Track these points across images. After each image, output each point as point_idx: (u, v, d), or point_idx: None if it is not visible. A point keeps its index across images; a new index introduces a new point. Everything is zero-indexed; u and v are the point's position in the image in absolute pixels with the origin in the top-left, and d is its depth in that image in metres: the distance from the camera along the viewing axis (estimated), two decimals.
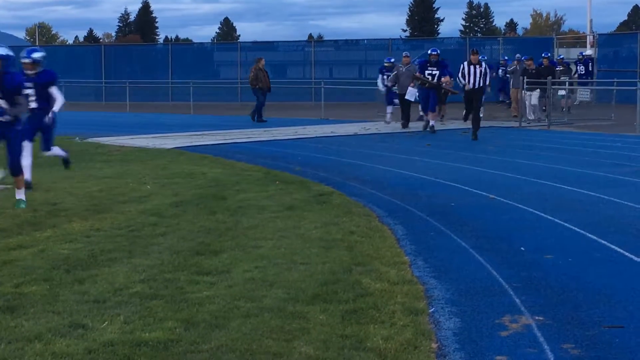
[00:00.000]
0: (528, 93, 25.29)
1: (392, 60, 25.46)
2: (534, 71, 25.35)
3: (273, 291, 5.97)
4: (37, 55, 11.45)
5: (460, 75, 19.57)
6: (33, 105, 11.20)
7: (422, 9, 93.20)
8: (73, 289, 6.07)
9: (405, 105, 22.66)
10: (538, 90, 24.99)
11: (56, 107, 11.58)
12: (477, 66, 19.37)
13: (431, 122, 21.18)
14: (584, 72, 31.60)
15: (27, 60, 11.27)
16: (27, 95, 10.53)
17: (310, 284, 6.16)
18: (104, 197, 10.46)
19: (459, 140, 19.21)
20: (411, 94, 21.97)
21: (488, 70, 19.93)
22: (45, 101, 11.45)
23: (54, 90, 11.53)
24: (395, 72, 23.18)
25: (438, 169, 13.47)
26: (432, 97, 21.43)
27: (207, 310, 5.51)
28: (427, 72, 21.64)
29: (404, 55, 23.90)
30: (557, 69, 28.74)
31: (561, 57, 32.61)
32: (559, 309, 5.66)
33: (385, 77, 24.50)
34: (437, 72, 21.50)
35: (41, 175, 12.13)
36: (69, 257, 7.09)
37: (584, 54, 33.82)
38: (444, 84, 21.62)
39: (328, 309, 5.54)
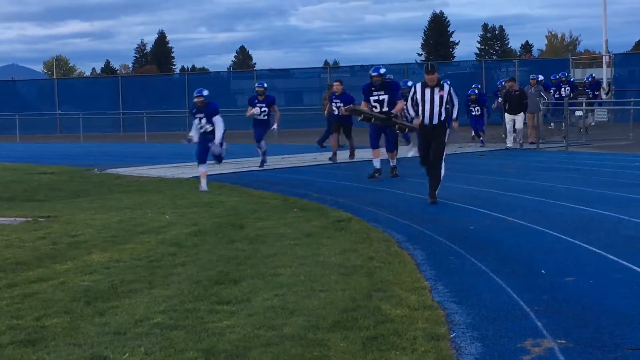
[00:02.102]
0: (511, 117, 23.97)
1: (265, 85, 20.58)
2: (517, 92, 24.06)
3: (293, 319, 5.96)
4: None
5: (410, 103, 13.05)
6: None
7: (437, 32, 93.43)
8: (94, 320, 6.08)
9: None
10: (522, 113, 23.86)
11: None
12: (437, 90, 12.73)
13: (392, 163, 16.87)
14: (592, 95, 31.53)
15: None
16: None
17: (330, 311, 6.14)
18: (123, 228, 10.49)
19: (476, 163, 19.17)
20: None
21: (454, 96, 13.05)
22: None
23: None
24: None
25: (456, 193, 13.43)
26: (389, 133, 16.68)
27: (227, 339, 5.50)
28: (372, 98, 16.24)
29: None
30: (551, 89, 28.56)
31: (572, 79, 32.42)
32: (581, 331, 5.61)
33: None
34: (385, 97, 16.10)
35: (60, 208, 12.19)
36: (89, 289, 7.10)
37: (593, 75, 33.78)
38: (394, 114, 15.95)
39: (349, 336, 5.52)
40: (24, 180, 17.96)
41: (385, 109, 16.01)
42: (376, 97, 16.26)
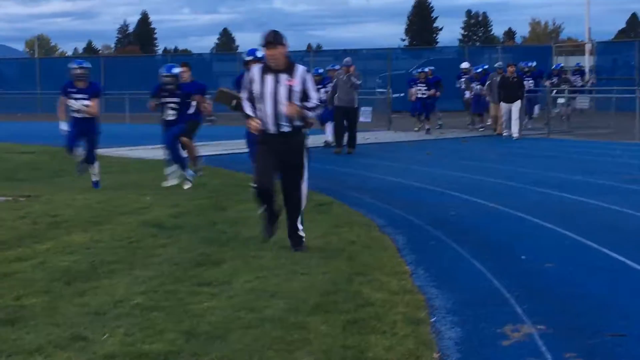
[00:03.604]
0: (507, 105, 22.54)
1: (86, 65, 13.50)
2: (514, 79, 22.87)
3: (274, 302, 5.95)
4: None
5: (244, 93, 8.00)
6: None
7: (420, 18, 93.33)
8: (73, 301, 6.06)
9: (340, 122, 18.33)
10: (519, 102, 22.67)
11: None
12: (284, 77, 7.69)
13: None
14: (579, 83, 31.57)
15: None
16: None
17: (311, 294, 6.14)
18: (104, 208, 10.44)
19: (459, 149, 19.21)
20: (366, 114, 20.05)
21: (311, 86, 7.84)
22: None
23: None
24: (335, 80, 18.96)
25: (438, 178, 13.46)
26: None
27: (207, 321, 5.49)
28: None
29: (344, 63, 19.03)
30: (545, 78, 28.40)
31: (560, 65, 32.37)
32: (560, 317, 5.65)
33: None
34: None
35: (40, 187, 12.12)
36: (69, 269, 7.07)
37: (580, 64, 33.83)
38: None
39: (329, 319, 5.52)
40: (4, 159, 17.84)
41: None
42: None
